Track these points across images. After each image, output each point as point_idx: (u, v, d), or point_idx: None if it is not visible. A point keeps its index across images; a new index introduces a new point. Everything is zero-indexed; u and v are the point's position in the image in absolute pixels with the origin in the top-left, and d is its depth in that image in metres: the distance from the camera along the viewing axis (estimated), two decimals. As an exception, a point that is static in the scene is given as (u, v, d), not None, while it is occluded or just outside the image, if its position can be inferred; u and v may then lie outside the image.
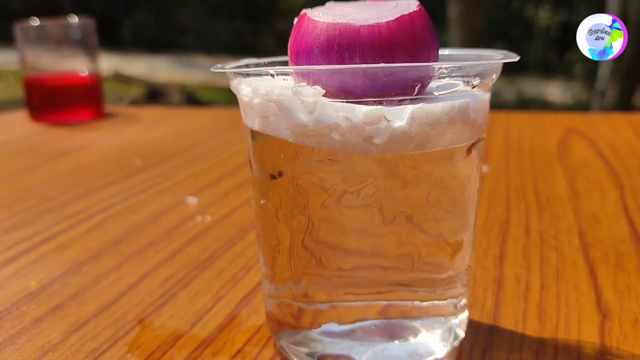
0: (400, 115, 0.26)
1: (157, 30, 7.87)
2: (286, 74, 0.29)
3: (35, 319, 0.38)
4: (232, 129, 0.95)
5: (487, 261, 0.45)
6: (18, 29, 0.99)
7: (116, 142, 0.88)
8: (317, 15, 0.29)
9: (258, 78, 0.29)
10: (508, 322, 0.37)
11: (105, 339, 0.36)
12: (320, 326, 0.32)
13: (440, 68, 0.27)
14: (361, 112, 0.26)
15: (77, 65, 1.02)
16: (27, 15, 1.33)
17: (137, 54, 7.27)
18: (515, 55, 0.30)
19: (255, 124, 0.30)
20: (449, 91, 0.27)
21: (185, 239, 0.50)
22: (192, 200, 0.60)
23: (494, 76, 0.29)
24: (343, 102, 0.27)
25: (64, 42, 1.00)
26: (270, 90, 0.28)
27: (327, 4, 0.31)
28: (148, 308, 0.39)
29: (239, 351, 0.34)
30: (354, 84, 0.27)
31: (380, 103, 0.27)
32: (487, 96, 0.30)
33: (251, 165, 0.32)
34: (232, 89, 0.31)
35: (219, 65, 0.32)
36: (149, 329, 0.37)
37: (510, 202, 0.57)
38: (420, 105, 0.27)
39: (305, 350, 0.32)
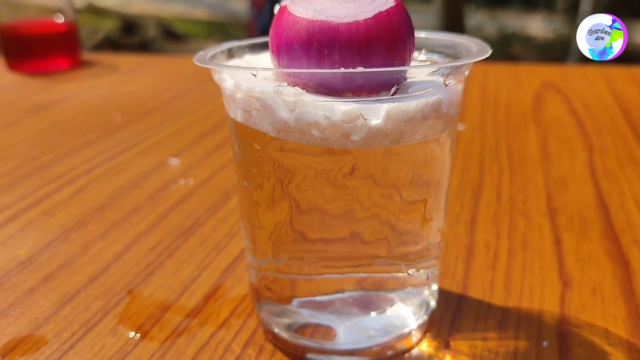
0: (377, 114, 0.28)
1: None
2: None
3: (27, 290, 0.40)
4: (211, 79, 0.95)
5: (459, 227, 0.47)
6: None
7: (95, 94, 0.88)
8: (298, 10, 0.29)
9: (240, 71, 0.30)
10: (476, 290, 0.39)
11: (96, 310, 0.38)
12: (299, 298, 0.34)
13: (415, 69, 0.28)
14: (339, 111, 0.27)
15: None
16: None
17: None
18: (488, 49, 0.31)
19: (237, 116, 0.31)
20: (422, 91, 0.29)
21: (169, 204, 0.52)
22: (175, 162, 0.61)
23: (467, 72, 0.31)
24: (323, 100, 0.28)
25: None
26: (252, 87, 0.29)
27: (307, -7, 0.31)
28: (136, 278, 0.41)
29: (224, 322, 0.37)
30: (333, 81, 0.28)
31: (359, 96, 0.28)
32: (459, 87, 0.32)
33: (233, 146, 0.34)
34: (215, 80, 0.32)
35: (201, 53, 0.33)
36: (138, 300, 0.39)
37: (484, 164, 0.59)
38: (395, 104, 0.28)
39: (285, 321, 0.34)
